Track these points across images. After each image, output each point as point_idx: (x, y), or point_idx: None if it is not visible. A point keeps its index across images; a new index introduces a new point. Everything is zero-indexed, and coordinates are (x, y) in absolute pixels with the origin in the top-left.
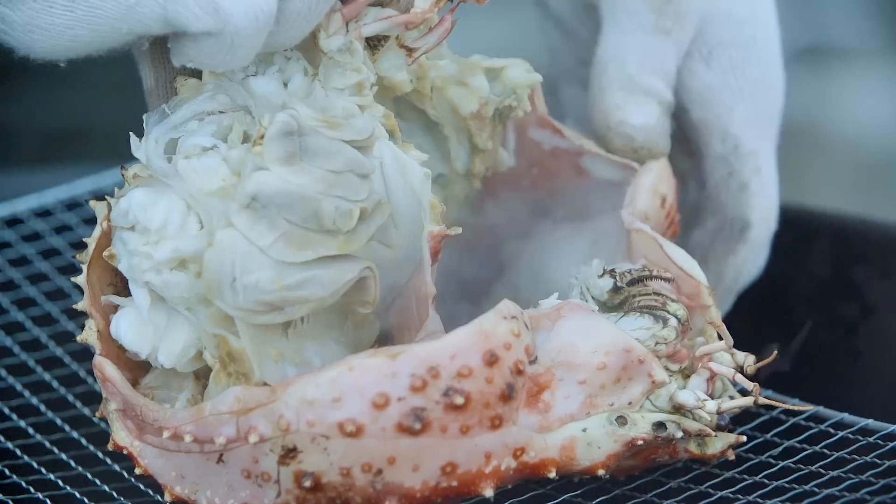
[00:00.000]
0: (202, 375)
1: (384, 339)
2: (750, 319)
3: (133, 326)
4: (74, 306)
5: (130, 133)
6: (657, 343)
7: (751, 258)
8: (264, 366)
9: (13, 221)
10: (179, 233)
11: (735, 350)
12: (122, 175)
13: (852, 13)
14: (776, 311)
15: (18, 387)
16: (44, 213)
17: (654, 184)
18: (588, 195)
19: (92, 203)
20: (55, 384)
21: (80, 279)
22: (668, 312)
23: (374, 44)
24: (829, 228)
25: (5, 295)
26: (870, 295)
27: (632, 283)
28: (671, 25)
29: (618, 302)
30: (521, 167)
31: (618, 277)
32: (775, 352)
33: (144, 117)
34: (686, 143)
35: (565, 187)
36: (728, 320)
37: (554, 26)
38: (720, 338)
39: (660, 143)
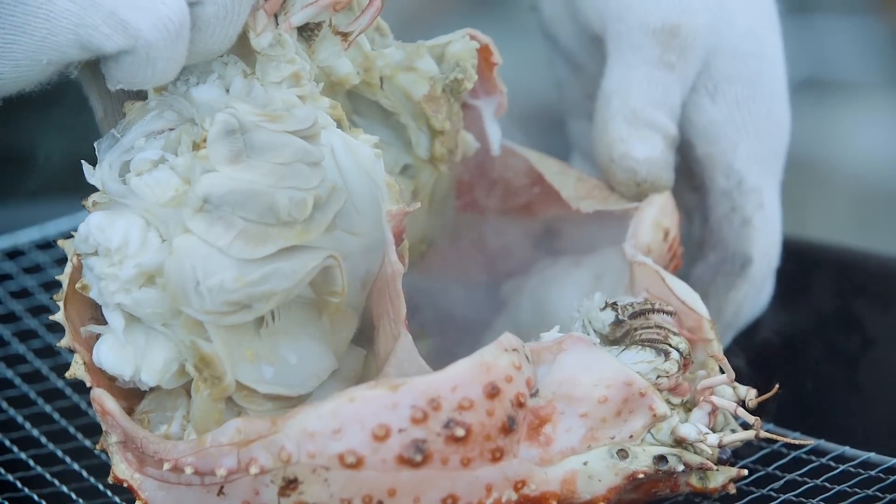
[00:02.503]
0: None
1: (366, 331)
2: (751, 352)
3: (112, 350)
4: (58, 344)
5: (83, 161)
6: (659, 376)
7: (752, 294)
8: (239, 367)
9: (14, 253)
10: (141, 249)
11: (737, 383)
12: (84, 206)
13: (853, 46)
14: (777, 343)
15: (19, 419)
16: (45, 245)
17: (656, 217)
18: (590, 227)
19: (60, 242)
20: (56, 416)
21: (59, 316)
22: (670, 346)
23: (308, 35)
24: (830, 261)
25: (6, 326)
26: (871, 328)
27: (634, 316)
28: (676, 60)
29: (620, 335)
30: (523, 185)
31: (620, 310)
32: (777, 385)
33: (95, 145)
34: (692, 177)
35: (567, 216)
36: (729, 353)
37: (562, 60)
38: (722, 371)
39: (663, 177)
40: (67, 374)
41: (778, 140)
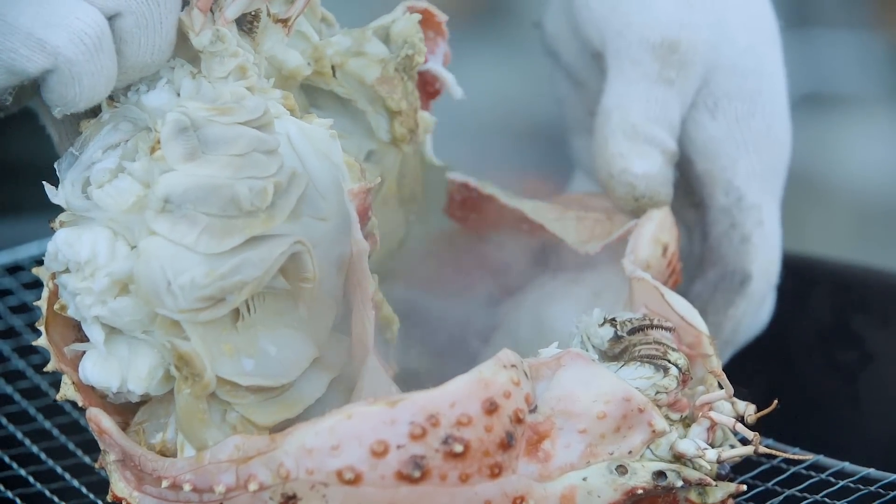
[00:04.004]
0: None
1: (349, 317)
2: (750, 367)
3: (97, 365)
4: (44, 370)
5: (44, 184)
6: (658, 392)
7: (750, 311)
8: (219, 362)
9: (14, 269)
10: (110, 259)
11: (735, 399)
12: (52, 228)
13: (852, 60)
14: (777, 358)
15: (19, 435)
16: None
17: (655, 232)
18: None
19: (35, 269)
20: (56, 432)
21: (42, 341)
22: (669, 361)
23: (248, 28)
24: (830, 276)
25: (6, 342)
26: (870, 343)
27: (632, 331)
28: (675, 75)
29: (618, 351)
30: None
31: (618, 326)
32: (776, 401)
33: (55, 165)
34: (692, 194)
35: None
36: (728, 369)
37: (564, 77)
38: (720, 387)
39: (661, 192)
40: (58, 397)
41: (778, 157)
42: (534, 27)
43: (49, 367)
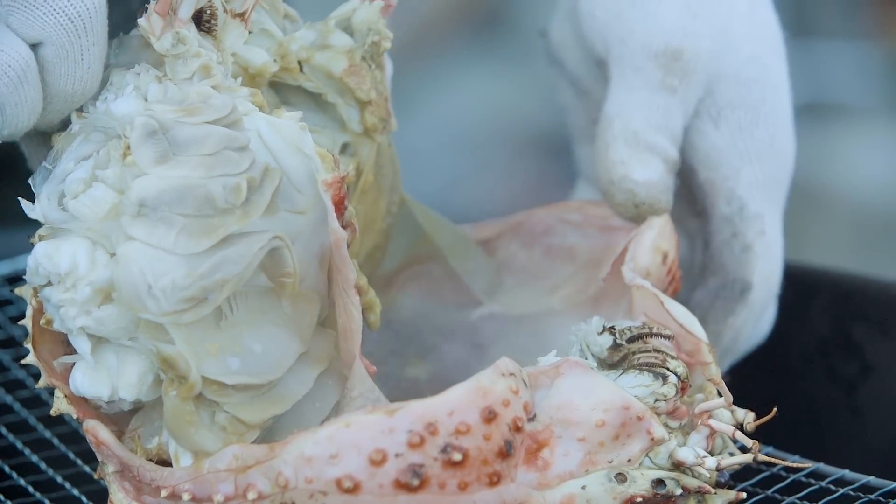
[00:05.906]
0: None
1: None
2: (750, 376)
3: (87, 375)
4: (36, 386)
5: (20, 199)
6: (657, 400)
7: (750, 320)
8: (204, 363)
9: (15, 278)
10: (91, 268)
11: (735, 407)
12: (31, 243)
13: (852, 70)
14: (777, 367)
15: (19, 445)
16: None
17: (655, 240)
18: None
19: (17, 290)
20: (56, 442)
21: (31, 359)
22: (668, 369)
23: (207, 27)
24: (830, 286)
25: (6, 352)
26: (870, 353)
27: (631, 340)
28: (678, 83)
29: (617, 359)
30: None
31: (617, 334)
32: (775, 409)
33: (30, 181)
34: (694, 203)
35: (561, 245)
36: (728, 377)
37: (568, 86)
38: (720, 395)
39: (661, 200)
40: (53, 412)
41: (781, 167)
42: (539, 36)
43: (41, 384)
